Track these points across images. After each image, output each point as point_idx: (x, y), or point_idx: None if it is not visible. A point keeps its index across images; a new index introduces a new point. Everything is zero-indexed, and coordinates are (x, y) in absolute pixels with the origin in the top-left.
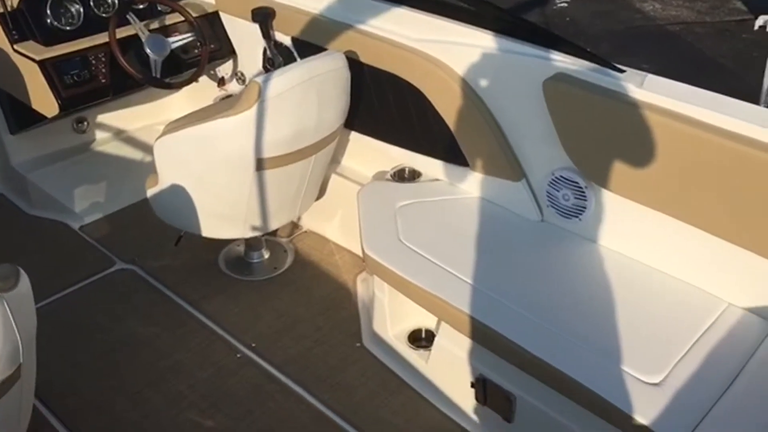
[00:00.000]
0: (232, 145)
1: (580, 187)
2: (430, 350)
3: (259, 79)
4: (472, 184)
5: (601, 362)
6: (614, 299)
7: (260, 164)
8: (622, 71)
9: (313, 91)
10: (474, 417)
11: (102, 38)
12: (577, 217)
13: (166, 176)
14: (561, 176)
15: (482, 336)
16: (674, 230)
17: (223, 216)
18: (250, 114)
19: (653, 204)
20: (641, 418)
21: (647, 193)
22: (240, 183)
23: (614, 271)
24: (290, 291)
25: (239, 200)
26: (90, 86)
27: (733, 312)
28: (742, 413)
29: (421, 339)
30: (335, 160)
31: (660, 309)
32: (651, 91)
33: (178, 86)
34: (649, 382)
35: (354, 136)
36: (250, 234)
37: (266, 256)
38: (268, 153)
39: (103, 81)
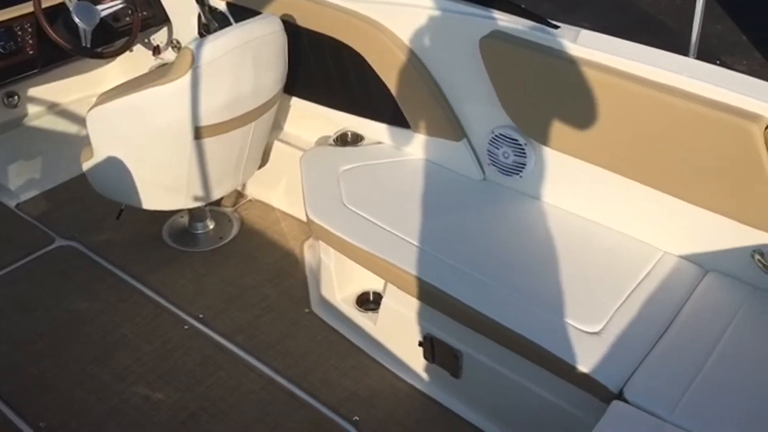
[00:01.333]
0: (166, 114)
1: (520, 145)
2: (377, 312)
3: (192, 45)
4: (414, 145)
5: (543, 315)
6: (555, 253)
7: (198, 132)
8: (556, 27)
9: (248, 56)
10: (423, 375)
11: (27, 7)
12: (517, 174)
13: (101, 149)
14: (501, 134)
15: (428, 296)
16: (611, 183)
17: (164, 187)
18: (183, 81)
19: (590, 158)
20: (582, 366)
21: (584, 147)
22: (179, 153)
23: (555, 226)
24: (237, 260)
25: (179, 170)
26: (17, 58)
27: (668, 260)
28: (676, 357)
29: (369, 302)
30: (277, 126)
31: (599, 260)
32: (585, 46)
33: (111, 56)
34: (589, 331)
35: (295, 101)
36: (192, 204)
37: (211, 226)
38: (205, 121)
39: (31, 52)
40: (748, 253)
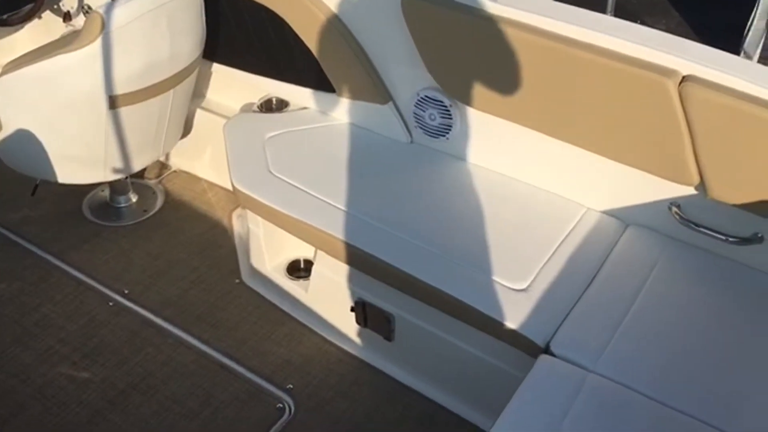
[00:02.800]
0: (78, 82)
1: (445, 106)
2: (309, 280)
3: (101, 10)
4: (340, 110)
5: (471, 275)
6: (482, 213)
7: (113, 102)
8: None
9: (162, 21)
10: (356, 340)
11: None
12: (444, 136)
13: (10, 121)
14: (426, 96)
15: (358, 260)
16: (535, 142)
17: (80, 160)
18: (93, 48)
19: (514, 118)
20: (510, 323)
21: (507, 107)
22: (93, 123)
23: (481, 187)
24: (163, 233)
25: (95, 142)
26: None
27: (591, 216)
28: (599, 309)
29: (300, 269)
30: (199, 94)
31: (525, 219)
32: (506, 5)
33: (18, 23)
34: (516, 288)
35: (216, 68)
36: (112, 177)
37: (134, 199)
38: (120, 89)
39: None
40: (665, 206)
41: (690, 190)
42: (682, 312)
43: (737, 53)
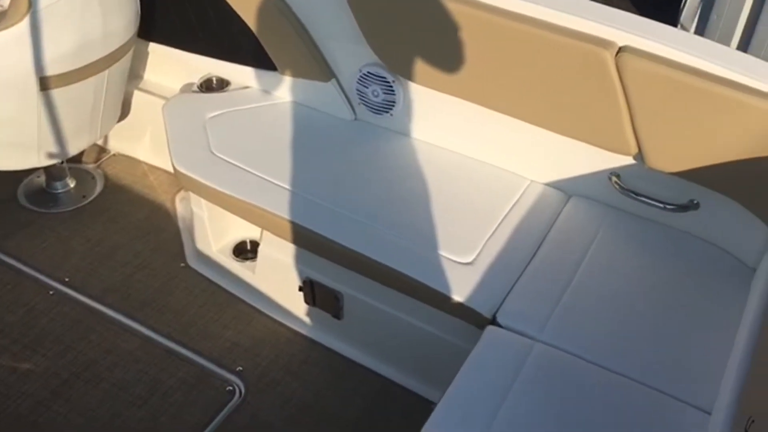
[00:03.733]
0: (5, 64)
1: (388, 82)
2: (255, 261)
3: None
4: (282, 88)
5: (418, 250)
6: (428, 189)
7: (44, 83)
8: None
9: None
10: (305, 319)
11: None
12: (387, 112)
13: None
14: (368, 72)
15: (305, 240)
16: (478, 116)
17: (12, 144)
18: (21, 28)
19: (456, 92)
20: (457, 296)
21: (449, 82)
22: (24, 106)
23: (426, 162)
24: (103, 219)
25: (27, 125)
26: None
27: (534, 188)
28: (544, 279)
29: (247, 251)
30: (136, 74)
31: (470, 193)
32: None
33: None
34: (462, 262)
35: (153, 47)
36: (47, 162)
37: (72, 184)
38: (51, 70)
39: None
40: (606, 177)
41: (629, 160)
42: (623, 279)
43: (674, 25)
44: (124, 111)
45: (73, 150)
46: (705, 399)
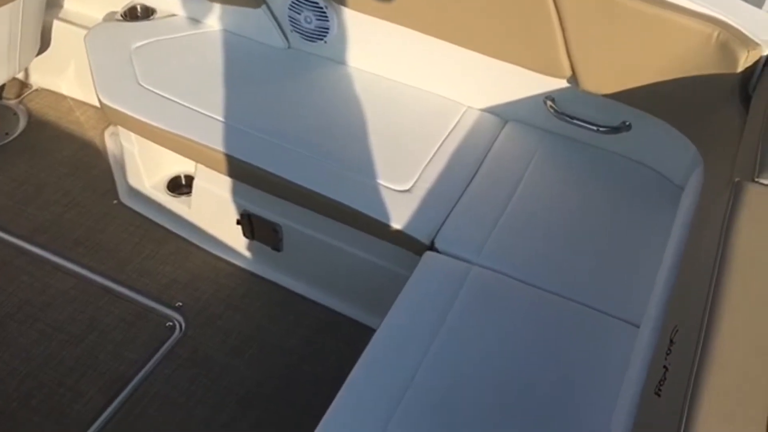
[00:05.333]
0: None
1: (321, 8)
2: (191, 196)
3: None
4: (212, 16)
5: (355, 179)
6: (364, 117)
7: None
8: None
9: None
10: (244, 253)
11: None
12: (321, 39)
13: None
14: None
15: (240, 172)
16: (412, 42)
17: None
18: None
19: (390, 17)
20: (395, 223)
21: (383, 6)
22: None
23: (362, 90)
24: (28, 157)
25: None
26: None
27: (471, 114)
28: (480, 204)
29: (182, 186)
30: (55, 3)
31: (407, 120)
32: None
33: None
34: (400, 190)
35: None
36: None
37: None
38: None
39: None
40: (541, 101)
41: (563, 84)
42: (558, 201)
43: None
44: (44, 43)
45: None
46: (634, 313)
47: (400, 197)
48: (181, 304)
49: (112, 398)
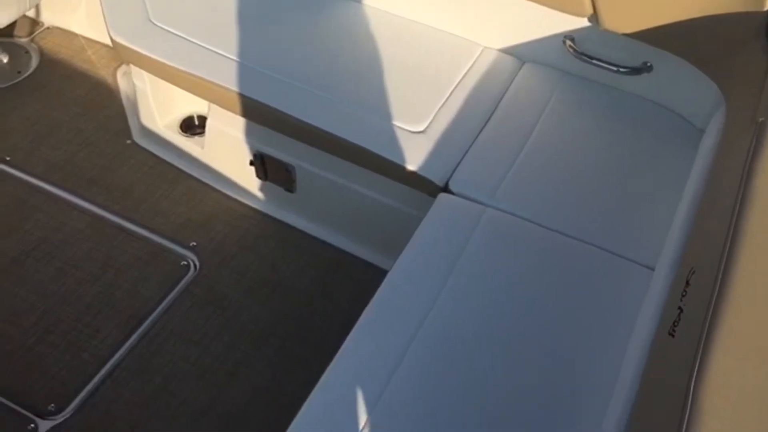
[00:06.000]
0: None
1: None
2: (204, 136)
3: None
4: None
5: (369, 120)
6: (379, 57)
7: None
8: None
9: None
10: (257, 194)
11: None
12: None
13: None
14: None
15: (254, 112)
16: None
17: None
18: None
19: None
20: (410, 165)
21: None
22: None
23: (377, 29)
24: (41, 95)
25: None
26: None
27: (488, 55)
28: (496, 146)
29: (195, 126)
30: None
31: (422, 60)
32: None
33: None
34: (414, 131)
35: None
36: None
37: (5, 59)
38: None
39: None
40: (560, 41)
41: (583, 22)
42: (574, 143)
43: None
44: None
45: (2, 22)
46: (649, 256)
47: (415, 138)
48: (195, 243)
49: (128, 334)
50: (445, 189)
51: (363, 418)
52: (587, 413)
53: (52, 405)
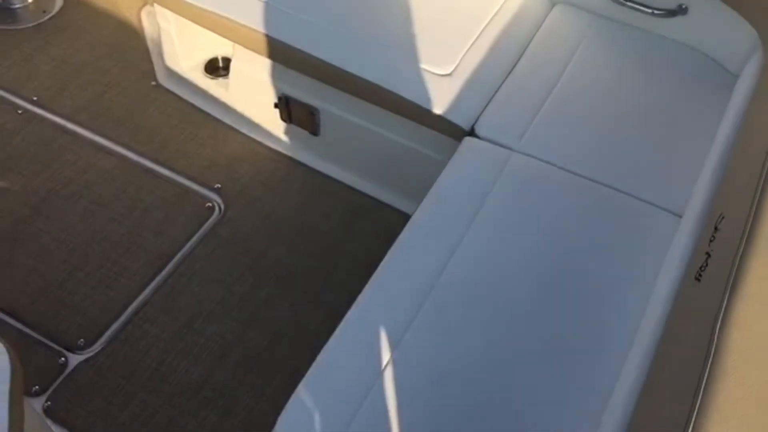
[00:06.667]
0: None
1: None
2: (228, 78)
3: None
4: None
5: (395, 62)
6: None
7: None
8: None
9: None
10: (282, 137)
11: None
12: None
13: None
14: None
15: (279, 54)
16: None
17: None
18: None
19: None
20: (435, 108)
21: None
22: None
23: None
24: (67, 36)
25: None
26: None
27: None
28: (523, 90)
29: (219, 68)
30: None
31: (450, 2)
32: None
33: None
34: (441, 74)
35: None
36: None
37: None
38: None
39: None
40: None
41: None
42: (605, 88)
43: None
44: None
45: None
46: (677, 203)
47: (441, 81)
48: (220, 186)
49: (155, 273)
50: (471, 133)
51: (386, 356)
52: (612, 352)
53: (82, 340)
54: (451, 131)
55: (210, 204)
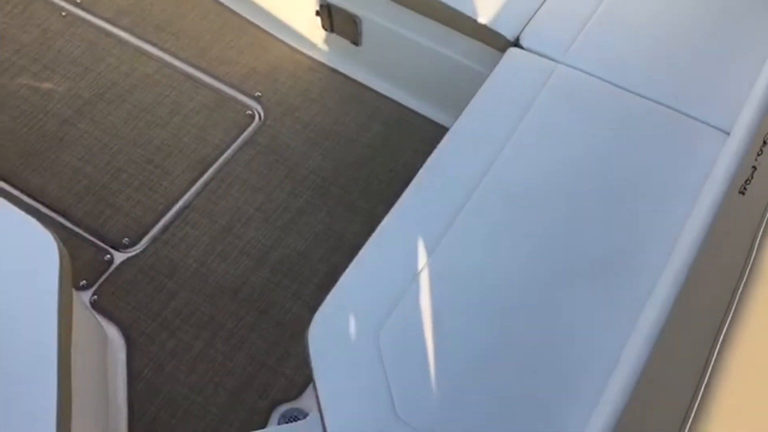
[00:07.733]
0: None
1: None
2: None
3: None
4: None
5: None
6: None
7: None
8: None
9: None
10: (323, 46)
11: None
12: None
13: None
14: None
15: None
16: None
17: None
18: None
19: None
20: (480, 17)
21: None
22: None
23: None
24: None
25: None
26: None
27: None
28: (570, 2)
29: None
30: None
31: None
32: None
33: None
34: None
35: None
36: None
37: None
38: None
39: None
40: None
41: None
42: (654, 4)
43: None
44: None
45: None
46: (725, 120)
47: None
48: (260, 94)
49: (196, 178)
50: (516, 44)
51: (422, 261)
52: (651, 262)
53: (126, 239)
54: (496, 42)
55: (250, 112)
